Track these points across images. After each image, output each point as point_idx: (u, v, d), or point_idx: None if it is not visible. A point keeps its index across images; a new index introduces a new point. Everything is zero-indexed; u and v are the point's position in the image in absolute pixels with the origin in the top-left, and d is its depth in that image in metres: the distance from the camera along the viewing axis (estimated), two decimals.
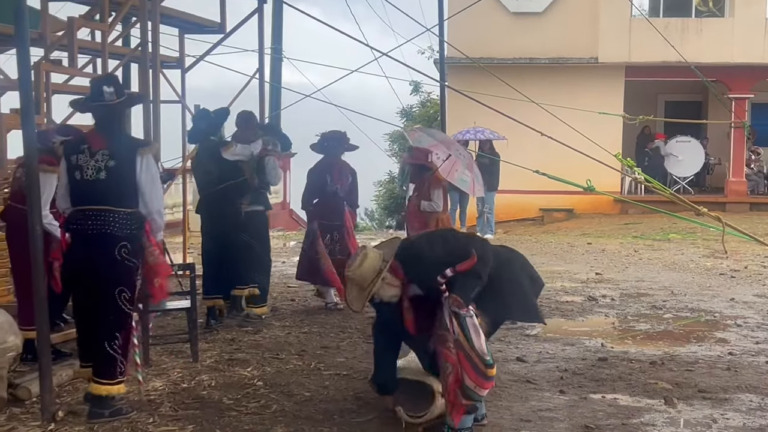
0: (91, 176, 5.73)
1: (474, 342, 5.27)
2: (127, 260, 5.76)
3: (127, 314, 5.84)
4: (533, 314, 5.86)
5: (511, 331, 8.81)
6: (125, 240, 5.73)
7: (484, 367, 5.27)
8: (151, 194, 5.85)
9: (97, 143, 5.78)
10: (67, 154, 5.85)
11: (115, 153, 5.75)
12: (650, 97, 24.81)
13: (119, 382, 5.84)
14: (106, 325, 5.78)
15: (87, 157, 5.75)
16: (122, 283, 5.78)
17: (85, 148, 5.79)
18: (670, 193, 8.73)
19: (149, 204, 5.85)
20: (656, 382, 6.85)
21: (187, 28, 12.14)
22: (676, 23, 22.39)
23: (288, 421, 5.78)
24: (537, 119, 10.30)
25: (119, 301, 5.76)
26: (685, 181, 23.36)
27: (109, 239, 5.69)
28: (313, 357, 7.58)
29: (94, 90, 5.93)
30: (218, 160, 8.80)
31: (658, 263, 14.25)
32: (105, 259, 5.69)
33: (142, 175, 5.80)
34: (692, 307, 10.24)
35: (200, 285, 8.74)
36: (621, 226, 20.58)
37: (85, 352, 5.98)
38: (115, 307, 5.76)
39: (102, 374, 5.79)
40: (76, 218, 5.77)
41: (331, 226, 9.73)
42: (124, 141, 5.87)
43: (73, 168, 5.78)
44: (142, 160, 5.81)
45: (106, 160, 5.73)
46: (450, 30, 21.30)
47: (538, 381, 6.89)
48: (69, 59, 9.36)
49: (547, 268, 13.65)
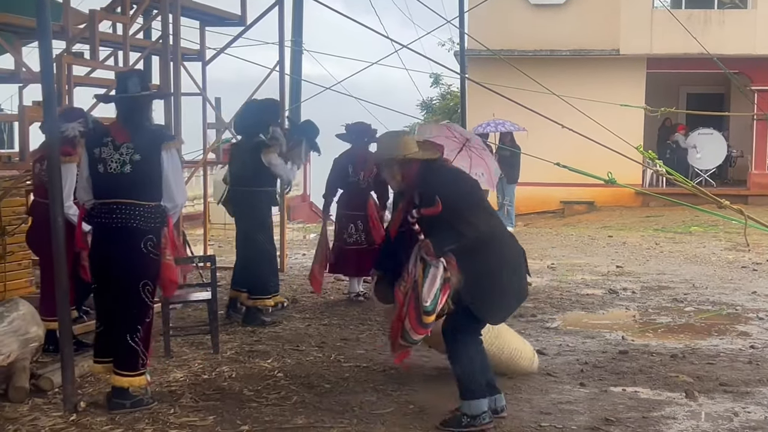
0: (115, 170, 5.73)
1: (425, 287, 5.35)
2: (153, 253, 5.78)
3: (150, 307, 5.88)
4: (496, 316, 5.78)
5: (531, 323, 8.80)
6: (151, 233, 5.76)
7: (422, 313, 5.35)
8: (176, 188, 5.87)
9: (121, 136, 5.78)
10: (89, 147, 5.84)
11: (139, 147, 5.75)
12: (672, 89, 24.67)
13: (140, 374, 5.88)
14: (129, 317, 5.81)
15: (111, 150, 5.75)
16: (147, 276, 5.80)
17: (108, 141, 5.78)
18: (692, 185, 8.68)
19: (174, 198, 5.87)
20: (677, 376, 6.82)
21: (207, 21, 12.16)
22: (698, 15, 22.23)
23: (308, 412, 5.79)
24: (558, 111, 10.26)
25: (143, 294, 5.79)
26: (707, 173, 23.22)
27: (136, 233, 5.70)
28: (333, 349, 7.59)
29: (120, 83, 5.96)
30: (257, 161, 8.63)
31: (679, 256, 14.18)
32: (132, 253, 5.71)
33: (168, 169, 5.81)
34: (714, 300, 10.19)
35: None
36: (642, 218, 20.50)
37: (102, 347, 5.98)
38: (139, 300, 5.79)
39: (123, 366, 5.83)
40: (101, 212, 5.78)
41: (354, 216, 9.74)
42: (148, 135, 5.87)
43: (96, 161, 5.77)
44: (167, 154, 5.83)
45: (131, 154, 5.73)
46: (470, 22, 21.24)
47: (558, 374, 6.87)
48: (90, 52, 9.39)
49: (567, 260, 13.62)
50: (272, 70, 12.13)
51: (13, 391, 5.95)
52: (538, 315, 9.25)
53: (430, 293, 5.37)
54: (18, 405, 5.86)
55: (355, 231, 9.73)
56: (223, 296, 9.15)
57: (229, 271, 11.82)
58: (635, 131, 19.57)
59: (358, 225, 9.73)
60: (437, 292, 5.39)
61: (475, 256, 5.50)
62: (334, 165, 9.90)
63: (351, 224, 9.75)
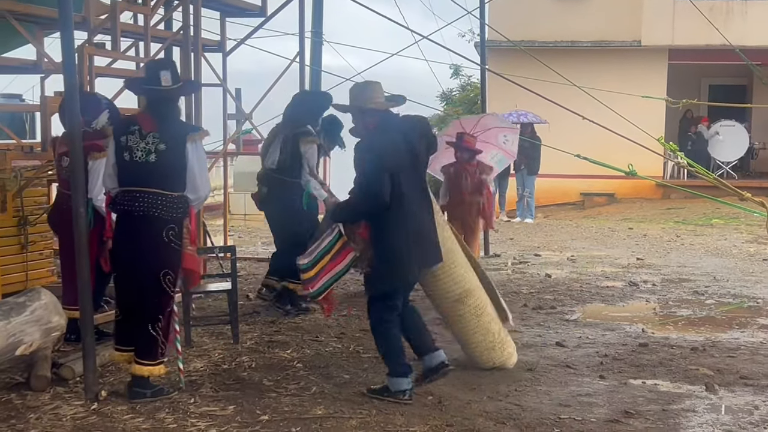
0: (140, 158, 5.75)
1: (310, 248, 5.96)
2: (174, 243, 5.81)
3: (171, 296, 5.91)
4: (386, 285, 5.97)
5: (550, 316, 8.79)
6: (173, 223, 5.78)
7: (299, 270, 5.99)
8: (200, 179, 5.89)
9: (148, 125, 5.79)
10: (116, 135, 5.86)
11: (166, 137, 5.77)
12: (694, 80, 24.50)
13: (160, 363, 5.91)
14: (150, 307, 5.84)
15: (137, 138, 5.77)
16: (168, 266, 5.82)
17: (135, 129, 5.80)
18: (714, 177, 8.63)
19: (198, 189, 5.89)
20: (697, 368, 6.80)
21: (228, 12, 12.16)
22: (720, 6, 22.06)
23: (327, 403, 5.81)
24: (578, 103, 10.21)
25: (164, 283, 5.81)
26: (729, 165, 23.07)
27: (157, 222, 5.73)
28: (352, 340, 7.61)
29: (150, 73, 5.94)
30: (296, 150, 8.56)
31: (700, 248, 14.12)
32: (153, 242, 5.74)
33: (193, 160, 5.83)
34: (735, 293, 10.15)
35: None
36: (663, 210, 20.40)
37: (123, 336, 6.00)
38: (160, 290, 5.81)
39: (144, 355, 5.86)
40: (124, 199, 5.80)
41: None
42: (175, 125, 5.90)
43: (122, 149, 5.79)
44: (193, 145, 5.84)
45: (156, 143, 5.75)
46: (491, 13, 21.12)
47: (577, 366, 6.86)
48: (112, 43, 9.40)
49: (587, 252, 13.59)
50: (292, 61, 12.13)
51: (35, 380, 6.00)
52: (558, 307, 9.23)
53: (310, 254, 5.90)
54: (39, 394, 5.91)
55: None
56: (243, 286, 9.20)
57: (250, 261, 11.90)
58: (656, 123, 19.47)
59: None
60: (319, 254, 5.92)
61: (377, 225, 5.77)
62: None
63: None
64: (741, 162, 23.84)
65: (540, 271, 11.53)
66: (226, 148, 12.02)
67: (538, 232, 16.58)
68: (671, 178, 22.35)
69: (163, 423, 5.43)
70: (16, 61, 10.26)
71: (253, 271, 11.47)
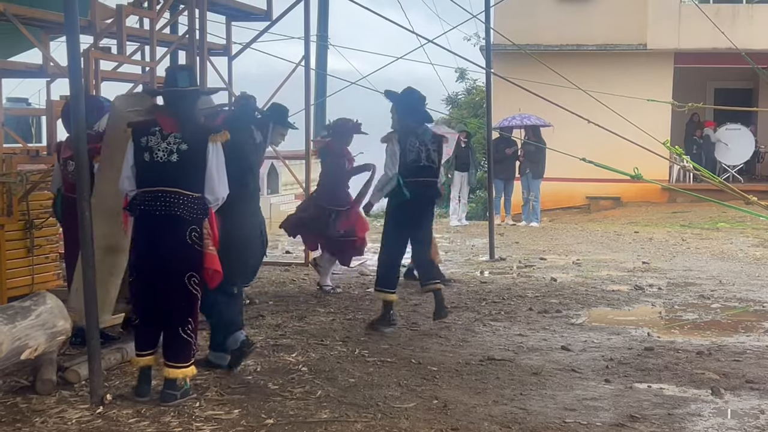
0: (162, 158, 5.74)
1: None
2: (197, 244, 5.81)
3: (198, 298, 5.91)
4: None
5: (556, 319, 8.78)
6: (194, 224, 5.78)
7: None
8: (218, 181, 5.88)
9: (169, 126, 5.79)
10: (136, 137, 5.83)
11: (187, 137, 5.77)
12: (700, 84, 24.49)
13: (192, 364, 5.93)
14: (180, 310, 5.84)
15: (158, 139, 5.76)
16: (192, 268, 5.82)
17: (156, 130, 5.79)
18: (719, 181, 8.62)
19: (216, 190, 5.87)
20: (703, 372, 6.79)
21: (233, 16, 12.20)
22: (726, 9, 22.05)
23: (332, 406, 5.81)
24: (584, 106, 10.18)
25: (189, 285, 5.81)
26: (735, 169, 23.04)
27: (180, 223, 5.72)
28: (357, 343, 7.60)
29: (169, 77, 6.02)
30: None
31: (706, 252, 14.09)
32: (177, 244, 5.73)
33: (213, 161, 5.82)
34: (741, 297, 10.13)
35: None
36: (669, 214, 20.38)
37: (146, 340, 5.96)
38: (187, 292, 5.81)
39: (178, 358, 5.85)
40: (144, 199, 5.77)
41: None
42: (196, 126, 5.91)
43: (143, 150, 5.78)
44: (214, 146, 5.84)
45: (178, 143, 5.74)
46: (496, 16, 21.14)
47: (583, 370, 6.85)
48: (118, 47, 9.44)
49: (593, 256, 13.57)
50: (297, 65, 12.15)
51: (41, 384, 6.01)
52: (563, 311, 9.22)
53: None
54: (45, 397, 5.91)
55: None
56: (248, 290, 9.19)
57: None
58: (662, 127, 19.45)
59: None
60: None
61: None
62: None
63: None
64: (747, 165, 23.82)
65: (545, 274, 11.52)
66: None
67: (544, 236, 16.56)
68: (677, 181, 22.35)
69: (168, 427, 5.43)
70: (22, 65, 10.29)
71: (258, 275, 11.46)
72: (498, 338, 7.94)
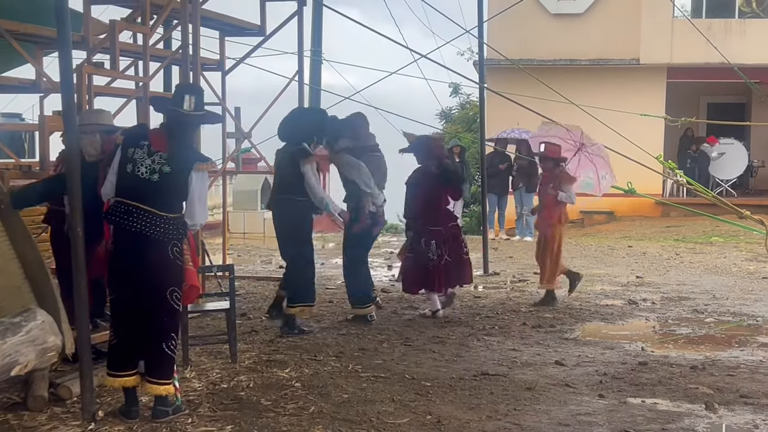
0: (143, 174, 5.71)
1: None
2: (179, 260, 5.79)
3: (179, 313, 5.90)
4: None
5: (549, 334, 8.77)
6: (175, 239, 5.76)
7: None
8: (199, 209, 5.87)
9: (159, 144, 5.75)
10: (125, 146, 5.81)
11: (173, 160, 5.73)
12: (692, 98, 24.57)
13: (172, 381, 5.91)
14: (162, 326, 5.80)
15: (144, 154, 5.73)
16: (174, 283, 5.79)
17: (145, 144, 5.76)
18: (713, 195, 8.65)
19: (194, 217, 5.86)
20: (697, 387, 6.77)
21: (227, 31, 12.19)
22: (719, 24, 22.16)
23: (325, 422, 5.78)
24: (577, 121, 10.25)
25: (171, 300, 5.79)
26: (728, 183, 23.10)
27: (160, 239, 5.69)
28: (351, 359, 7.58)
29: (177, 95, 5.93)
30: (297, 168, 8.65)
31: (699, 267, 14.11)
32: (159, 259, 5.70)
33: (195, 189, 5.81)
34: (734, 311, 10.13)
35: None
36: (662, 228, 20.40)
37: (127, 359, 5.88)
38: (169, 308, 5.78)
39: (161, 374, 5.82)
40: (118, 211, 5.74)
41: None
42: (185, 151, 5.84)
43: (127, 160, 5.75)
44: (198, 175, 5.82)
45: (162, 165, 5.71)
46: (490, 31, 21.22)
47: (577, 385, 6.84)
48: (111, 62, 9.42)
49: (587, 271, 13.54)
50: (291, 80, 12.15)
51: (32, 400, 5.97)
52: (557, 325, 9.21)
53: None
54: (37, 414, 5.88)
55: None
56: (241, 305, 9.19)
57: (248, 280, 11.89)
58: (655, 141, 19.48)
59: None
60: None
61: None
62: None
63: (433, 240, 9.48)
64: (740, 180, 23.87)
65: (539, 289, 11.50)
66: (225, 167, 12.03)
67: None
68: (670, 196, 22.37)
69: None
70: (15, 81, 10.27)
71: (252, 290, 11.46)
72: (492, 353, 7.93)
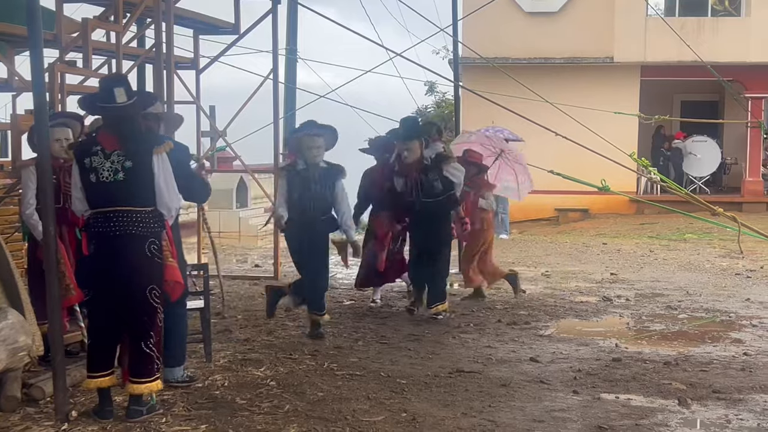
0: (108, 178, 5.66)
1: None
2: (157, 257, 5.75)
3: (159, 311, 5.84)
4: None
5: (524, 331, 8.80)
6: (153, 237, 5.72)
7: None
8: (168, 193, 5.80)
9: (110, 144, 5.69)
10: (79, 158, 5.75)
11: (130, 153, 5.67)
12: (666, 96, 24.72)
13: (156, 379, 5.85)
14: (141, 324, 5.76)
15: (101, 158, 5.67)
16: (153, 281, 5.75)
17: (98, 150, 5.70)
18: (686, 193, 8.72)
19: (168, 203, 5.80)
20: (670, 383, 6.81)
21: (201, 29, 12.17)
22: (692, 22, 22.31)
23: (300, 421, 5.77)
24: (552, 119, 10.28)
25: (150, 299, 5.74)
26: (702, 180, 23.27)
27: (138, 238, 5.66)
28: (326, 357, 7.57)
29: (104, 91, 5.82)
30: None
31: (673, 263, 14.20)
32: (137, 258, 5.66)
33: (159, 174, 5.74)
34: (707, 308, 10.20)
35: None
36: (636, 226, 20.52)
37: (104, 359, 5.83)
38: (148, 306, 5.74)
39: (141, 373, 5.77)
40: (98, 221, 5.70)
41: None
42: (138, 140, 5.77)
43: (87, 171, 5.69)
44: (158, 158, 5.76)
45: (122, 161, 5.65)
46: (464, 30, 21.27)
47: (551, 381, 6.86)
48: (83, 60, 9.38)
49: (561, 268, 13.62)
50: (266, 78, 12.14)
51: (5, 401, 5.92)
52: (532, 322, 9.24)
53: None
54: (9, 414, 5.83)
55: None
56: (216, 304, 9.15)
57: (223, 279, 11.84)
58: (629, 139, 19.64)
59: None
60: None
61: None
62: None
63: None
64: (713, 177, 24.06)
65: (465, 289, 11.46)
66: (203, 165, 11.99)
67: (513, 248, 16.62)
68: (645, 193, 22.52)
69: None
70: None
71: (226, 289, 11.40)
72: (467, 350, 7.95)
